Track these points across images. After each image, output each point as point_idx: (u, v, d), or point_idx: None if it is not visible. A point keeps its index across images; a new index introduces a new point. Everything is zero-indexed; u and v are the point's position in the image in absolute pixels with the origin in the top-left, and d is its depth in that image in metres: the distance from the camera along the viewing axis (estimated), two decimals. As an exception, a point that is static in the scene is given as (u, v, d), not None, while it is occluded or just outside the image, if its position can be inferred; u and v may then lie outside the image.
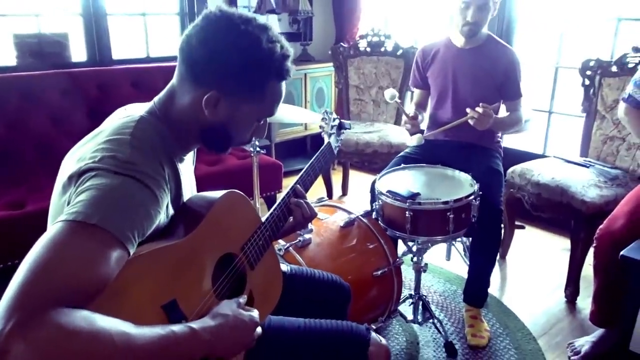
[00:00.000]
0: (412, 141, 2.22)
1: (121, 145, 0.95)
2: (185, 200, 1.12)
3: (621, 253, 1.73)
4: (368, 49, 3.53)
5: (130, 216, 0.89)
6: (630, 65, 2.56)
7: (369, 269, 1.90)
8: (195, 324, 0.92)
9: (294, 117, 2.47)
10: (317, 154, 1.50)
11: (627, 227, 1.84)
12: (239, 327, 0.98)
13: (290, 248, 1.76)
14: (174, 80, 1.07)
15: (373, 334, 1.24)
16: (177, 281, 0.97)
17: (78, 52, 3.20)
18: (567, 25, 3.13)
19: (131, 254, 0.88)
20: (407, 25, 3.97)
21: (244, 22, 1.01)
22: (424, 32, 3.81)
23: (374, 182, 2.19)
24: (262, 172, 2.65)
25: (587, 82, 2.72)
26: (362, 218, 2.01)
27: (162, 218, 0.99)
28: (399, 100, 2.23)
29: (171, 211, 1.06)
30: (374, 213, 2.05)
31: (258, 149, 2.35)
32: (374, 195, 2.18)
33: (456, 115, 2.35)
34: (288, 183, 1.34)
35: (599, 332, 2.10)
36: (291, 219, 1.31)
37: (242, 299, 1.06)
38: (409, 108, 2.42)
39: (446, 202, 1.88)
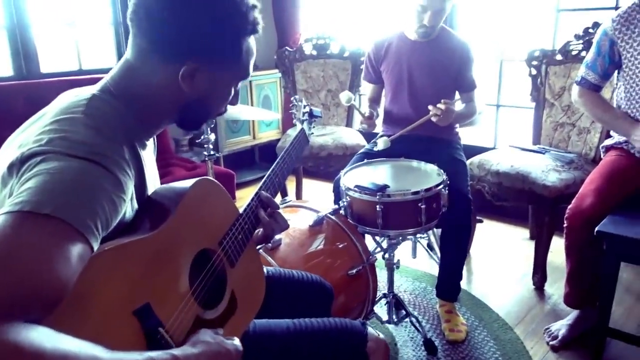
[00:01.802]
0: (379, 145, 2.14)
1: (73, 124, 0.80)
2: (149, 193, 0.97)
3: (597, 229, 1.72)
4: (314, 52, 3.46)
5: (90, 204, 0.74)
6: (573, 53, 2.62)
7: (344, 268, 1.79)
8: (176, 351, 0.78)
9: (249, 115, 2.34)
10: (292, 140, 1.39)
11: (596, 204, 1.84)
12: (223, 357, 0.84)
13: (261, 250, 1.62)
14: (128, 56, 0.93)
15: (370, 329, 1.13)
16: (150, 282, 0.82)
17: (3, 66, 2.94)
18: (508, 19, 3.21)
19: (94, 249, 0.73)
20: (351, 27, 3.94)
21: None
22: (369, 33, 3.79)
23: (337, 180, 2.11)
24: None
25: (534, 72, 2.77)
26: (330, 216, 1.90)
27: (127, 209, 0.85)
28: (355, 103, 2.17)
29: (135, 205, 0.91)
30: (342, 210, 1.95)
31: (212, 152, 2.20)
32: (338, 193, 2.08)
33: (413, 109, 2.31)
34: (241, 195, 1.20)
35: (574, 314, 2.08)
36: (260, 232, 1.18)
37: (220, 331, 0.92)
38: (364, 108, 2.36)
39: (417, 192, 1.82)
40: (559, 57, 2.68)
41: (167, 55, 0.89)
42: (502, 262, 2.74)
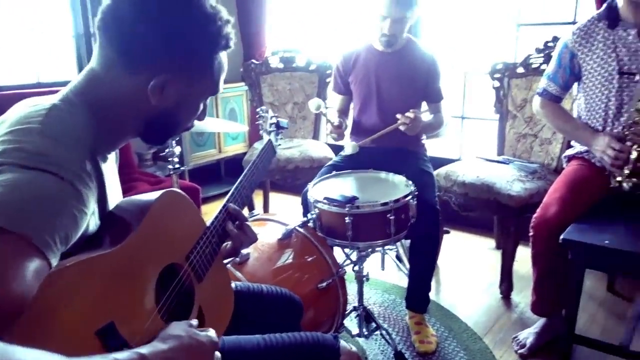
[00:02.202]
0: (347, 150, 2.15)
1: (29, 135, 0.76)
2: (111, 208, 0.93)
3: (561, 237, 1.75)
4: (280, 66, 3.45)
5: (48, 217, 0.70)
6: (534, 66, 2.69)
7: (313, 282, 1.76)
8: (143, 349, 0.73)
9: (215, 128, 2.30)
10: (259, 151, 1.37)
11: (560, 212, 1.87)
12: (196, 350, 0.81)
13: (229, 265, 1.58)
14: (93, 65, 0.89)
15: (342, 342, 1.10)
16: (114, 299, 0.78)
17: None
18: (471, 33, 3.28)
19: (53, 265, 0.69)
20: (318, 40, 3.95)
21: None
22: (335, 46, 3.81)
23: (305, 192, 2.08)
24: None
25: (496, 84, 2.82)
26: (299, 229, 1.87)
27: (89, 223, 0.81)
28: (324, 111, 2.17)
29: (98, 219, 0.87)
30: (311, 223, 1.93)
31: (177, 165, 2.14)
32: (306, 206, 2.06)
33: (382, 120, 2.32)
34: (206, 210, 1.16)
35: (540, 322, 2.11)
36: (228, 245, 1.14)
37: (194, 322, 0.89)
38: (333, 116, 2.35)
39: (385, 204, 1.82)
40: (520, 70, 2.75)
41: (137, 67, 0.86)
42: (470, 272, 2.77)
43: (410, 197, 1.89)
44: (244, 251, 1.63)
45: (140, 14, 0.84)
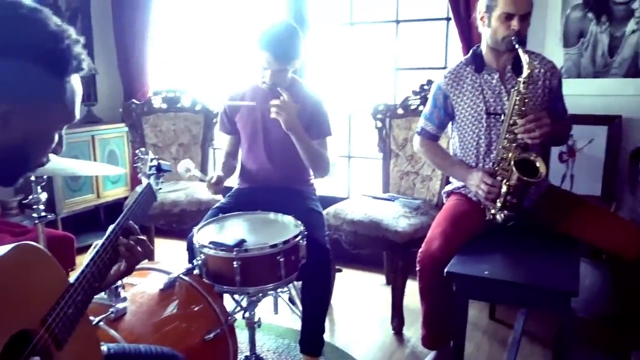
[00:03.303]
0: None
1: None
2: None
3: (445, 270, 1.80)
4: (164, 106, 3.33)
5: None
6: (412, 107, 2.84)
7: (200, 333, 1.64)
8: None
9: (92, 171, 2.12)
10: (137, 196, 1.25)
11: (443, 246, 1.94)
12: None
13: (101, 323, 1.42)
14: None
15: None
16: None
17: None
18: (354, 77, 3.41)
19: None
20: (203, 80, 3.87)
21: (16, 6, 0.78)
22: (221, 87, 3.76)
23: (191, 237, 1.97)
24: (50, 248, 2.19)
25: (379, 124, 2.94)
26: (183, 277, 1.75)
27: None
28: (195, 172, 2.06)
29: None
30: (197, 269, 1.81)
31: (44, 213, 1.92)
32: (192, 252, 1.95)
33: (269, 159, 2.29)
34: (82, 261, 1.05)
35: (431, 355, 2.15)
36: (122, 265, 1.04)
37: None
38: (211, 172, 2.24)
39: (275, 245, 1.77)
40: (400, 111, 2.88)
41: None
42: (362, 310, 2.78)
43: (299, 237, 1.86)
44: (119, 305, 1.48)
45: None
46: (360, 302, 2.88)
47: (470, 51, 2.14)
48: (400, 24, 3.15)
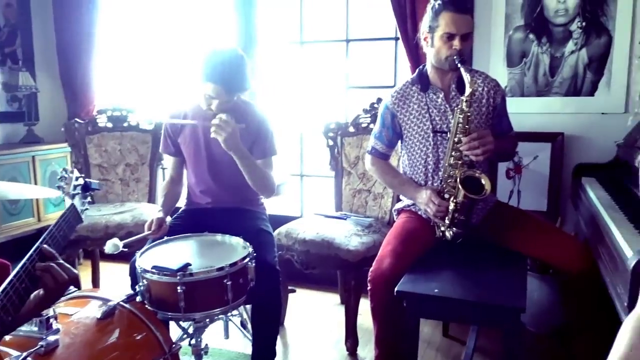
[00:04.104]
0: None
1: None
2: None
3: (396, 289, 1.78)
4: (109, 125, 3.22)
5: None
6: (363, 125, 2.84)
7: (141, 364, 1.56)
8: None
9: (31, 194, 2.01)
10: (58, 219, 1.17)
11: (393, 264, 1.92)
12: None
13: (29, 358, 1.32)
14: None
15: None
16: None
17: None
18: (306, 96, 3.40)
19: None
20: (151, 98, 3.78)
21: None
22: (167, 105, 3.67)
23: (133, 262, 1.89)
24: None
25: (330, 142, 2.93)
26: (124, 304, 1.66)
27: None
28: (126, 249, 1.93)
29: None
30: (139, 296, 1.73)
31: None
32: (135, 277, 1.86)
33: (214, 179, 2.24)
34: None
35: (385, 375, 2.11)
36: (40, 291, 0.96)
37: None
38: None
39: (221, 269, 1.71)
40: (351, 129, 2.88)
41: None
42: (316, 330, 2.73)
43: (248, 259, 1.82)
44: (51, 338, 1.38)
45: None
46: (314, 322, 2.83)
47: (416, 71, 2.16)
48: (351, 43, 3.17)
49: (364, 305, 2.51)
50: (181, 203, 2.38)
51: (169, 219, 2.22)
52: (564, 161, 2.65)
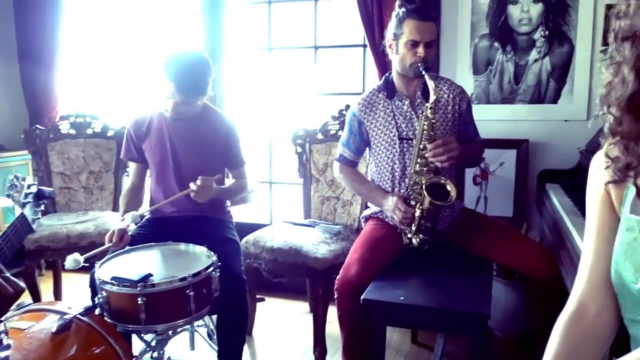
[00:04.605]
0: (126, 220, 1.96)
1: None
2: None
3: (362, 297, 1.77)
4: (72, 132, 3.14)
5: None
6: (332, 132, 2.83)
7: (99, 379, 1.51)
8: None
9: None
10: (6, 229, 1.12)
11: (360, 272, 1.91)
12: None
13: (-24, 377, 1.26)
14: None
15: None
16: None
17: None
18: (274, 103, 3.38)
19: None
20: (116, 104, 3.70)
21: None
22: (132, 111, 3.60)
23: (93, 273, 1.83)
24: None
25: (299, 149, 2.91)
26: (81, 317, 1.60)
27: None
28: (87, 264, 1.87)
29: None
30: (98, 308, 1.68)
31: None
32: (95, 287, 1.80)
33: (180, 187, 2.19)
34: None
35: (353, 384, 2.09)
36: None
37: None
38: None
39: (184, 279, 1.67)
40: (320, 136, 2.87)
41: None
42: (285, 339, 2.70)
43: (211, 268, 1.78)
44: (1, 354, 1.32)
45: None
46: (282, 331, 2.79)
47: (383, 78, 2.17)
48: (319, 50, 3.17)
49: (333, 314, 2.49)
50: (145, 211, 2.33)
51: (132, 226, 2.17)
52: (529, 167, 2.68)
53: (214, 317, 2.35)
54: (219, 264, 1.84)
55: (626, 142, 0.88)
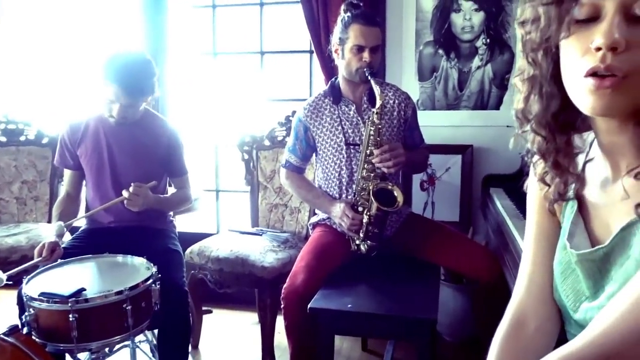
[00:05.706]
0: (51, 230, 1.85)
1: None
2: None
3: (309, 305, 1.73)
4: (3, 139, 2.95)
5: None
6: (279, 138, 2.79)
7: (24, 405, 1.39)
8: None
9: None
10: None
11: (307, 280, 1.87)
12: None
13: None
14: None
15: None
16: None
17: None
18: (220, 108, 3.30)
19: None
20: (50, 110, 3.52)
21: None
22: (66, 116, 3.42)
23: (21, 289, 1.70)
24: None
25: (246, 156, 2.84)
26: (5, 337, 1.48)
27: None
28: (10, 282, 1.74)
29: None
30: (25, 327, 1.56)
31: None
32: (23, 305, 1.68)
33: (118, 195, 2.09)
34: None
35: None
36: None
37: None
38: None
39: (120, 292, 1.58)
40: (267, 142, 2.82)
41: None
42: (232, 352, 2.62)
43: (150, 281, 1.69)
44: None
45: None
46: (230, 343, 2.71)
47: (329, 83, 2.15)
48: (265, 55, 3.12)
49: (282, 324, 2.44)
50: (81, 222, 2.21)
51: (68, 236, 2.05)
52: (473, 172, 2.73)
53: (157, 331, 2.25)
54: (159, 275, 1.75)
55: (555, 160, 0.82)
